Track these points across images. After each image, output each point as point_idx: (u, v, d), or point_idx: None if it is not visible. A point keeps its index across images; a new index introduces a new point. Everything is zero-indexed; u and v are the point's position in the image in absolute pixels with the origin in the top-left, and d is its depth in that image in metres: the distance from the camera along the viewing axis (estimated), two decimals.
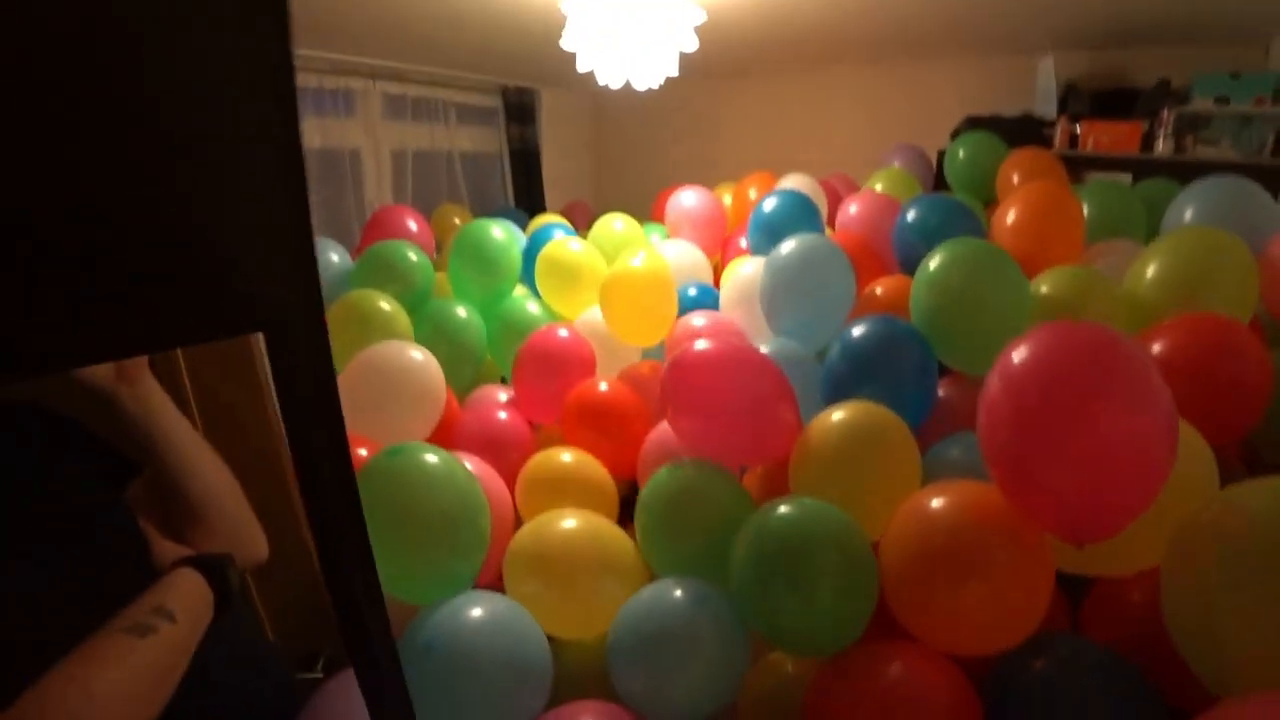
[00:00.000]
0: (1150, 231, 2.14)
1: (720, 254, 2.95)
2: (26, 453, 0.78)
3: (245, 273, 0.45)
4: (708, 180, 3.76)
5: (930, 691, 1.12)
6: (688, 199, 2.93)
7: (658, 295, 2.26)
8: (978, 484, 1.23)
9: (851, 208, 2.44)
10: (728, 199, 3.13)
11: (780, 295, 2.01)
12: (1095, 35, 2.90)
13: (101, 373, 0.84)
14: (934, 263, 1.73)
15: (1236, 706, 0.85)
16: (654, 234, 3.09)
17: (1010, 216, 2.01)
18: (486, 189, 4.12)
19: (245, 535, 0.95)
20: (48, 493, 0.77)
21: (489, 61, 3.48)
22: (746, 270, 2.32)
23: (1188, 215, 1.89)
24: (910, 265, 1.98)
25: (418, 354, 2.00)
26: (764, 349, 1.86)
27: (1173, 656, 1.01)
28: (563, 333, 2.26)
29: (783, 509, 1.32)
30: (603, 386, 2.09)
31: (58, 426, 0.86)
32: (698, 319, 2.28)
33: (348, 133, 3.22)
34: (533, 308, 2.56)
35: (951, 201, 2.21)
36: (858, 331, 1.71)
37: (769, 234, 2.34)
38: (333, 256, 2.55)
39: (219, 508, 0.92)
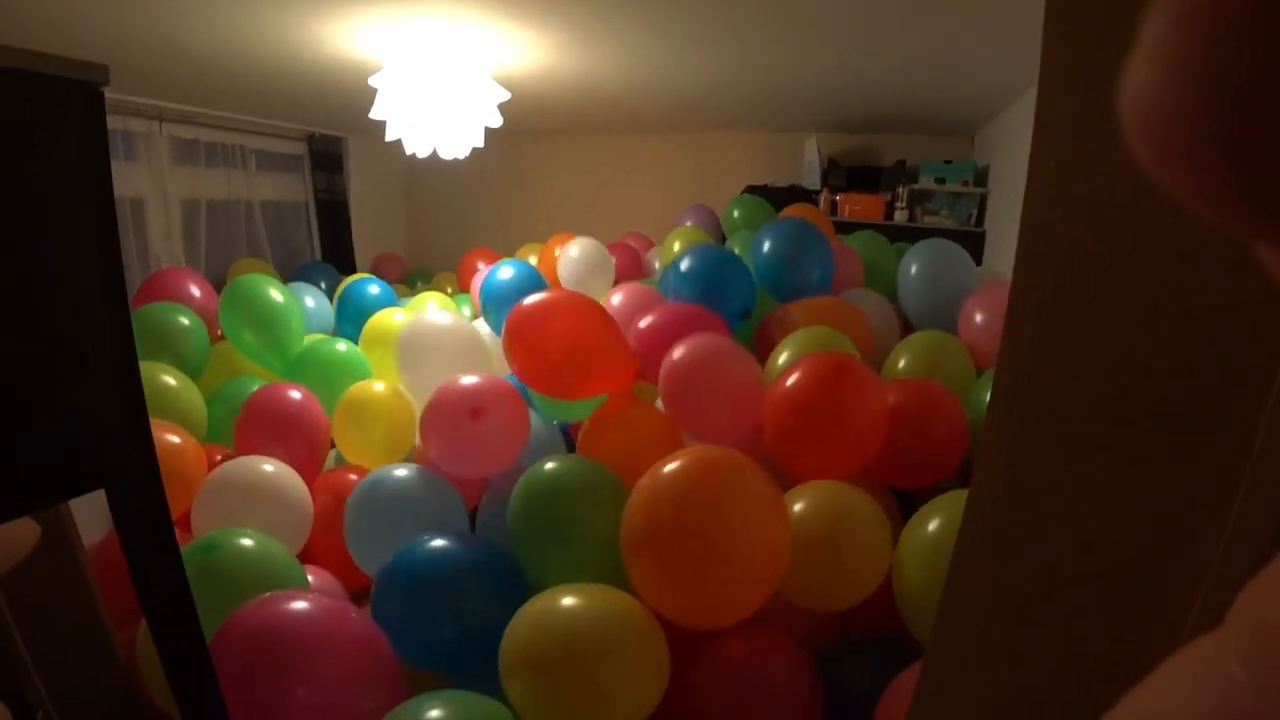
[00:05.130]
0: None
1: None
2: None
3: (89, 439, 0.52)
4: (518, 232, 3.89)
5: None
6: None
7: (394, 420, 2.19)
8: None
9: (615, 298, 2.50)
10: (533, 258, 3.27)
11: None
12: (850, 121, 3.45)
13: None
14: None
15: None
16: (465, 306, 3.12)
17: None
18: (291, 240, 3.91)
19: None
20: None
21: (292, 109, 3.38)
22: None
23: (913, 269, 2.36)
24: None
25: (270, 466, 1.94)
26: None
27: None
28: (294, 394, 2.21)
29: None
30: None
31: None
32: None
33: (129, 179, 2.98)
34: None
35: (721, 251, 2.48)
36: None
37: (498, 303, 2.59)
38: None
39: None
